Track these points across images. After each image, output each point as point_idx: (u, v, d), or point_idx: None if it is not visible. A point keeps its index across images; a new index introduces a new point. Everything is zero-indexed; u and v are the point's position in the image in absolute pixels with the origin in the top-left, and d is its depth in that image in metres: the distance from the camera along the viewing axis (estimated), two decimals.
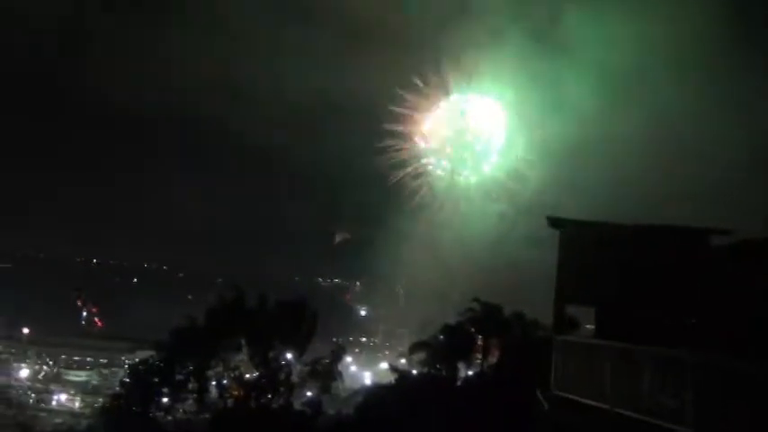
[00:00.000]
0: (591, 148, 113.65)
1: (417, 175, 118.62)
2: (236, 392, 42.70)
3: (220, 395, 42.41)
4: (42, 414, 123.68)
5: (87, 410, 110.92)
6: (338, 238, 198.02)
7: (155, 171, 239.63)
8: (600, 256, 21.32)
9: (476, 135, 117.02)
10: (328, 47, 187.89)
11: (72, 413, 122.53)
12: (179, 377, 41.95)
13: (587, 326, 27.84)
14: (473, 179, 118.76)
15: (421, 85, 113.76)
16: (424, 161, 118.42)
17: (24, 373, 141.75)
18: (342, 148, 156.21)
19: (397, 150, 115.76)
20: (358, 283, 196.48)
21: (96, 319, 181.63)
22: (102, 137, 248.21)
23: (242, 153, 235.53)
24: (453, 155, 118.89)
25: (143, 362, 45.68)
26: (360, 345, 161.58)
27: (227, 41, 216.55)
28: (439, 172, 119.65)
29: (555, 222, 22.93)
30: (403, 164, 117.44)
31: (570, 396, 17.99)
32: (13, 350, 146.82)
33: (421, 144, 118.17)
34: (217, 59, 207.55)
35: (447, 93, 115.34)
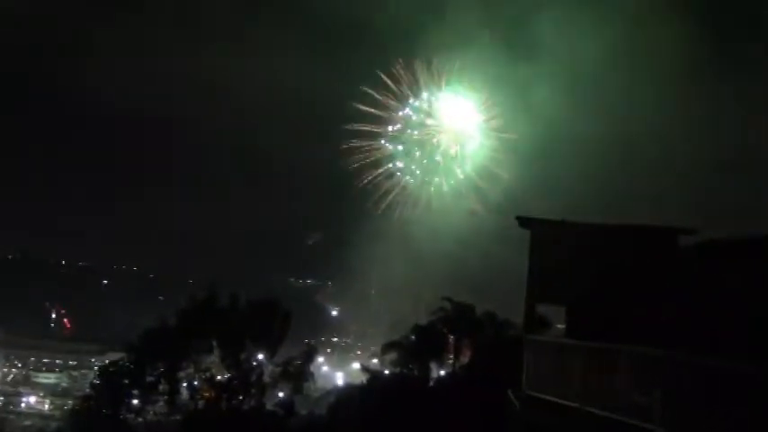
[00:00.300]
0: (559, 148, 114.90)
1: (387, 177, 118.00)
2: (207, 394, 42.56)
3: (191, 397, 42.27)
4: (11, 416, 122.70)
5: (57, 413, 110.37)
6: (310, 239, 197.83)
7: (125, 171, 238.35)
8: (570, 256, 21.41)
9: (448, 137, 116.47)
10: (297, 45, 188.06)
11: (41, 415, 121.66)
12: (150, 379, 41.77)
13: (558, 325, 28.02)
14: (445, 186, 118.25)
15: (390, 83, 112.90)
16: (391, 165, 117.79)
17: None
18: (311, 148, 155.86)
19: (366, 151, 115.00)
20: (330, 283, 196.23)
21: (65, 321, 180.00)
22: (73, 136, 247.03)
23: (210, 153, 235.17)
24: (425, 158, 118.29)
25: (113, 363, 45.44)
26: (332, 345, 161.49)
27: (196, 37, 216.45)
28: (408, 178, 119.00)
29: (525, 222, 23.01)
30: (373, 165, 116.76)
31: (541, 395, 18.08)
32: None
33: (388, 146, 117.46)
34: (179, 55, 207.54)
35: (417, 92, 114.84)
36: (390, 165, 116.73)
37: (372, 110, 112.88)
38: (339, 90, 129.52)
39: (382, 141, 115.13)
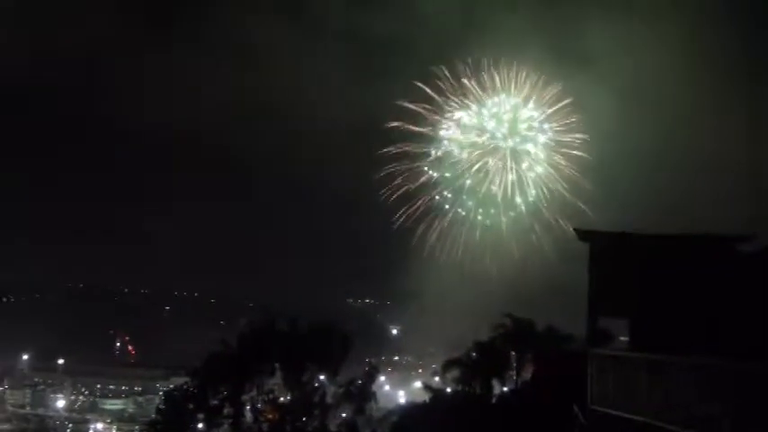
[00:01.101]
0: (617, 161, 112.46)
1: (436, 207, 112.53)
2: (270, 416, 42.72)
3: (255, 419, 42.45)
4: None
5: None
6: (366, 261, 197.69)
7: (179, 198, 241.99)
8: (630, 267, 21.19)
9: (504, 157, 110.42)
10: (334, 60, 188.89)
11: None
12: (214, 402, 42.04)
13: (621, 338, 27.61)
14: (503, 218, 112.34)
15: (435, 96, 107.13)
16: (438, 198, 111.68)
17: (61, 403, 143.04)
18: (353, 172, 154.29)
19: (408, 177, 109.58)
20: (389, 303, 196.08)
21: (130, 348, 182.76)
22: (124, 163, 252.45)
23: (260, 177, 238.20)
24: (476, 185, 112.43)
25: (177, 388, 45.91)
26: (393, 364, 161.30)
27: (236, 61, 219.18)
28: (460, 211, 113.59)
29: (584, 235, 22.84)
30: (421, 188, 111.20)
31: (607, 410, 17.85)
32: (49, 381, 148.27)
33: (433, 174, 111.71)
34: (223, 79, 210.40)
35: (465, 106, 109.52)
36: (437, 196, 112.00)
37: (414, 128, 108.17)
38: (375, 109, 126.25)
39: (425, 168, 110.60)
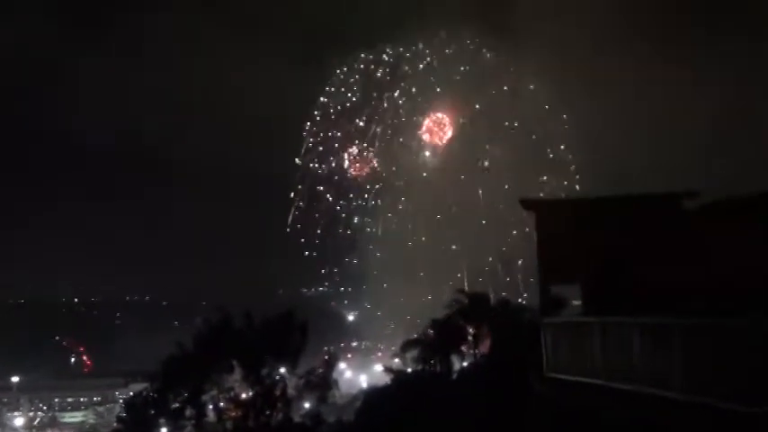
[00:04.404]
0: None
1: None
2: (233, 413, 42.53)
3: (219, 418, 42.23)
4: None
5: None
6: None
7: (119, 201, 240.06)
8: (577, 233, 21.39)
9: None
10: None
11: None
12: (175, 405, 41.78)
13: (575, 302, 27.95)
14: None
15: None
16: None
17: (19, 421, 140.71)
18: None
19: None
20: (342, 289, 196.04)
21: (85, 359, 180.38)
22: (65, 171, 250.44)
23: (197, 173, 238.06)
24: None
25: (137, 395, 45.63)
26: (351, 349, 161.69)
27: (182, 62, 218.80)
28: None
29: (529, 204, 23.09)
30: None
31: (563, 376, 18.10)
32: (4, 400, 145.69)
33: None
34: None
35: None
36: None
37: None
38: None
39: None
